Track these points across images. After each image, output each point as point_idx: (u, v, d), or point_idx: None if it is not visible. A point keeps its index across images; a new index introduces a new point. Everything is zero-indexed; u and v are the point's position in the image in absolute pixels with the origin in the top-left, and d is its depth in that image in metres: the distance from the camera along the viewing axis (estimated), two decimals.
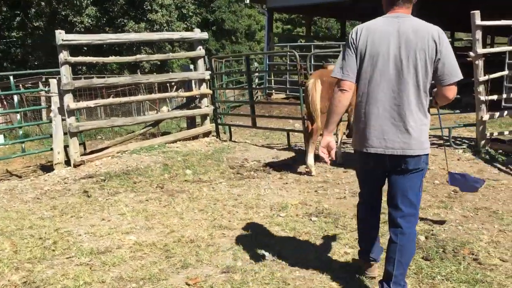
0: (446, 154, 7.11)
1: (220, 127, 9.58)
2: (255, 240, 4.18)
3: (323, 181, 6.10)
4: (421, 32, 2.81)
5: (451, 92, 2.88)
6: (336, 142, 6.55)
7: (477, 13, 6.92)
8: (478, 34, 6.97)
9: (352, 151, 7.11)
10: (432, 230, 4.35)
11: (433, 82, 2.92)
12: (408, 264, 3.07)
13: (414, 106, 2.84)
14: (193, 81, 8.99)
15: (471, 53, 6.99)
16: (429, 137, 2.99)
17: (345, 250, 3.94)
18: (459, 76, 2.83)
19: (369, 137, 2.94)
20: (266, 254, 3.87)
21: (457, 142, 7.87)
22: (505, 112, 7.39)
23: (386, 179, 3.10)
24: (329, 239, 4.19)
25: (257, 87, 16.75)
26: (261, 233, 4.36)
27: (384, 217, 3.47)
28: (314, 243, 4.11)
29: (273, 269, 3.62)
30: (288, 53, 15.69)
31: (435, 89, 3.00)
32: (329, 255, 3.85)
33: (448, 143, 7.67)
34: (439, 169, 6.46)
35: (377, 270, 3.42)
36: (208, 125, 8.97)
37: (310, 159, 6.44)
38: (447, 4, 16.28)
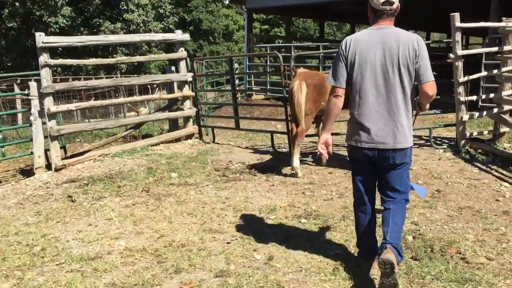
0: (428, 154, 7.31)
1: (202, 129, 9.56)
2: (247, 243, 4.19)
3: (310, 183, 6.13)
4: (402, 41, 3.20)
5: (430, 89, 3.25)
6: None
7: (456, 16, 7.02)
8: (458, 36, 7.08)
9: (338, 152, 7.27)
10: (419, 230, 4.43)
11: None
12: (402, 227, 3.39)
13: (401, 105, 3.25)
14: (174, 83, 8.94)
15: (451, 55, 7.12)
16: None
17: (336, 252, 3.98)
18: (431, 77, 3.24)
19: (362, 134, 3.34)
20: (259, 257, 3.89)
21: (437, 142, 8.01)
22: (484, 112, 7.55)
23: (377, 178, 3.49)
24: (319, 241, 4.23)
25: (237, 88, 16.73)
26: (251, 236, 4.36)
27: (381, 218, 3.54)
28: (305, 245, 4.13)
29: (267, 272, 3.63)
30: (269, 54, 15.71)
31: (417, 98, 3.37)
32: (320, 257, 3.88)
33: (429, 143, 7.82)
34: (421, 169, 6.57)
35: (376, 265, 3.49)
36: (191, 127, 8.94)
37: (296, 161, 6.45)
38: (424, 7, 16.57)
